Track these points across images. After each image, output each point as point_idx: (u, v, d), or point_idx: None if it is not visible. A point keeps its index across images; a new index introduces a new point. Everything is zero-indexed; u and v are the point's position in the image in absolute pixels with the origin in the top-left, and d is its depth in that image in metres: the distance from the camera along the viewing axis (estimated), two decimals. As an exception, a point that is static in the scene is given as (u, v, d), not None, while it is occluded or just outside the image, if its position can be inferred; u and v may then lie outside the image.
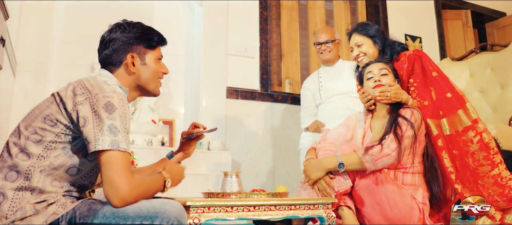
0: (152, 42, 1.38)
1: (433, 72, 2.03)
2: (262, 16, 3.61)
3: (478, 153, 1.88)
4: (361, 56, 2.19)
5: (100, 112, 1.12)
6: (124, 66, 1.33)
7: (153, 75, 1.38)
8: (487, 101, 2.92)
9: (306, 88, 2.99)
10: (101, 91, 1.16)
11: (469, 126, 1.90)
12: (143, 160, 2.62)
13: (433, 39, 4.38)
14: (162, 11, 3.48)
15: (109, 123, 1.11)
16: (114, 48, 1.33)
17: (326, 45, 2.85)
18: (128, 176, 1.09)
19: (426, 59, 2.06)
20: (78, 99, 1.15)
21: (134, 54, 1.34)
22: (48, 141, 1.15)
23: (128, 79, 1.34)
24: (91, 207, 1.11)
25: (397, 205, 1.70)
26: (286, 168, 3.40)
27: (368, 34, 2.18)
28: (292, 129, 3.46)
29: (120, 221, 1.06)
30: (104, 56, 1.34)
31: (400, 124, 1.82)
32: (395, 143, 1.75)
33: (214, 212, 1.35)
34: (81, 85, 1.19)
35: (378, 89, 1.95)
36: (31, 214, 1.10)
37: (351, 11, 4.28)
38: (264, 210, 1.43)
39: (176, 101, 3.44)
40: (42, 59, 2.90)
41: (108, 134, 1.10)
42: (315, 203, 1.52)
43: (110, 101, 1.14)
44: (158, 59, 1.40)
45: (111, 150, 1.09)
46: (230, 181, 1.59)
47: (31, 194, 1.12)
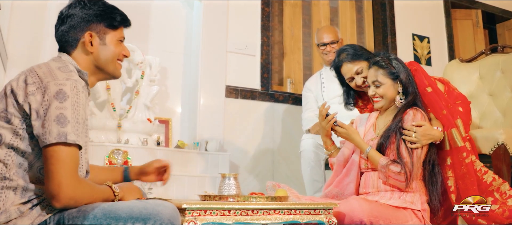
0: (114, 22, 1.33)
1: (428, 88, 2.00)
2: (264, 12, 3.61)
3: (467, 177, 1.91)
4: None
5: (51, 101, 1.08)
6: (82, 45, 1.29)
7: (113, 56, 1.33)
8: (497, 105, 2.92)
9: (308, 89, 2.99)
10: (53, 79, 1.12)
11: (461, 147, 1.91)
12: (138, 160, 2.62)
13: (441, 39, 4.38)
14: (160, 6, 3.48)
15: (58, 113, 1.07)
16: (71, 24, 1.28)
17: (331, 46, 2.85)
18: (71, 176, 1.06)
19: (421, 73, 2.04)
20: (29, 89, 1.11)
21: (93, 32, 1.29)
22: (7, 141, 1.12)
23: (86, 60, 1.29)
24: (80, 208, 1.09)
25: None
26: (287, 171, 3.40)
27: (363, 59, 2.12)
28: (293, 130, 3.46)
29: (112, 222, 1.05)
30: (60, 33, 1.29)
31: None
32: (403, 177, 1.77)
33: (211, 216, 1.35)
34: (32, 73, 1.15)
35: (376, 105, 1.97)
36: (16, 216, 1.08)
37: (357, 9, 4.28)
38: (263, 215, 1.43)
39: (173, 99, 3.44)
40: (34, 53, 2.90)
41: (55, 125, 1.06)
42: (316, 208, 1.52)
43: (62, 89, 1.10)
44: (119, 40, 1.36)
45: (57, 144, 1.06)
46: (228, 183, 1.59)
47: (14, 194, 1.10)
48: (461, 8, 4.77)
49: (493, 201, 1.93)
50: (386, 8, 4.19)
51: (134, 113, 2.96)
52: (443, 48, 4.35)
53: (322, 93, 2.88)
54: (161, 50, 3.38)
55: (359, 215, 1.59)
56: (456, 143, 1.92)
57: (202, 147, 3.08)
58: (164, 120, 3.28)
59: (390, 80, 1.92)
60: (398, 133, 1.82)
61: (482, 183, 1.93)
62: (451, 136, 1.93)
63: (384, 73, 1.92)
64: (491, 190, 1.94)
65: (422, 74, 2.03)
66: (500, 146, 2.24)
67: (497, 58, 2.99)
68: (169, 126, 3.29)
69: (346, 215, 1.62)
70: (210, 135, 3.15)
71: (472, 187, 1.91)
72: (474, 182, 1.91)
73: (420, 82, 2.00)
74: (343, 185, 1.93)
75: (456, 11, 4.76)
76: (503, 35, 5.07)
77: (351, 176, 1.93)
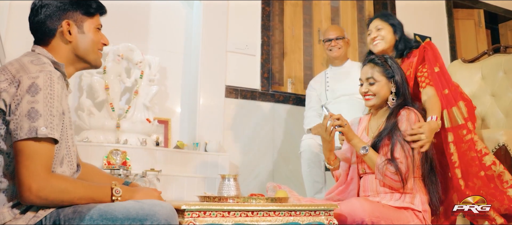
0: (90, 9, 1.31)
1: (436, 67, 2.09)
2: (265, 12, 3.61)
3: (468, 153, 1.97)
4: (378, 39, 2.23)
5: (23, 96, 1.07)
6: (60, 35, 1.27)
7: (93, 45, 1.32)
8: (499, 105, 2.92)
9: (312, 88, 3.00)
10: (26, 73, 1.10)
11: (462, 125, 1.99)
12: (137, 160, 2.62)
13: (443, 39, 4.38)
14: (159, 6, 3.48)
15: (29, 108, 1.05)
16: (47, 14, 1.26)
17: (336, 41, 2.87)
18: (40, 172, 1.03)
19: (434, 52, 2.14)
20: (1, 86, 1.10)
21: (70, 21, 1.27)
22: None
23: (65, 49, 1.28)
24: (76, 209, 1.09)
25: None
26: (287, 172, 3.40)
27: (390, 22, 2.25)
28: (293, 131, 3.46)
29: (108, 223, 1.05)
30: (36, 24, 1.27)
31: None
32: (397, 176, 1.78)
33: (210, 217, 1.35)
34: (4, 70, 1.14)
35: (367, 102, 1.98)
36: (10, 218, 1.08)
37: (358, 8, 4.28)
38: (263, 216, 1.43)
39: (172, 99, 3.44)
40: (33, 52, 2.90)
41: (26, 120, 1.04)
42: (316, 210, 1.52)
43: (34, 82, 1.08)
44: (97, 28, 1.34)
45: (27, 139, 1.04)
46: (228, 184, 1.59)
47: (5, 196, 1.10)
48: (463, 8, 4.77)
49: (494, 188, 1.94)
50: (387, 7, 4.19)
51: (133, 113, 2.95)
52: (445, 48, 4.35)
53: (326, 92, 2.89)
54: (161, 49, 3.38)
55: (360, 215, 1.59)
56: (457, 121, 2.00)
57: (201, 148, 3.08)
58: (163, 120, 3.28)
59: (385, 79, 1.94)
60: (393, 135, 1.81)
61: (482, 164, 1.99)
62: (452, 114, 2.01)
63: (380, 71, 1.94)
64: (491, 175, 1.99)
65: (435, 53, 2.13)
66: (501, 147, 2.25)
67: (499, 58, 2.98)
68: (168, 126, 3.29)
69: (348, 215, 1.62)
70: (209, 135, 3.14)
71: (473, 163, 1.96)
72: (474, 159, 1.96)
73: (431, 59, 2.08)
74: (345, 195, 1.95)
75: (458, 11, 4.75)
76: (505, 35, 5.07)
77: (353, 184, 1.95)
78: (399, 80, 1.93)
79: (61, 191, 1.08)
